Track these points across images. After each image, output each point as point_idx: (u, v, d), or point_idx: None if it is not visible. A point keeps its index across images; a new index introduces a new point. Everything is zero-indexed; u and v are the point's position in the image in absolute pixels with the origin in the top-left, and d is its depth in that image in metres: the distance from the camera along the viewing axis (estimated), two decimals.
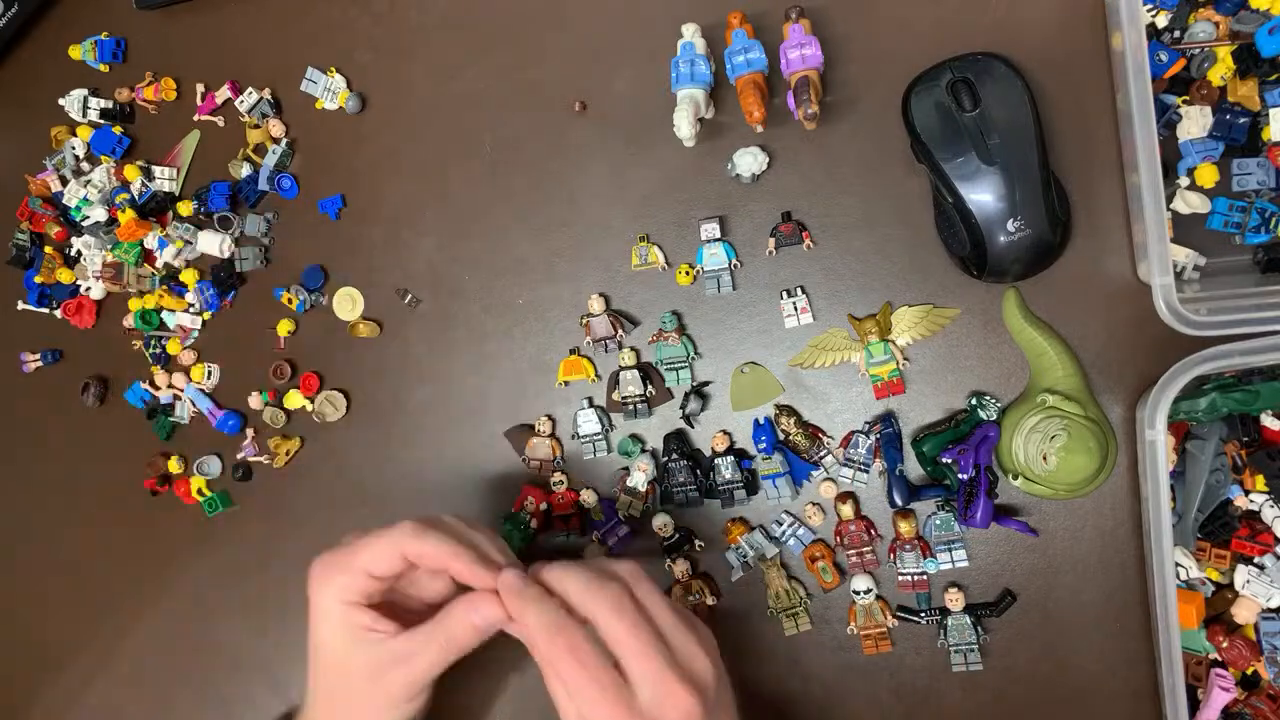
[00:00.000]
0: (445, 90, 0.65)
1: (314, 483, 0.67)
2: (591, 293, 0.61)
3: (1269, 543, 0.52)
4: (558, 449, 0.63)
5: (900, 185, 0.58)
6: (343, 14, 0.67)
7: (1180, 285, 0.53)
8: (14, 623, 0.75)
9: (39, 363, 0.73)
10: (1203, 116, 0.53)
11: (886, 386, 0.57)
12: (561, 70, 0.63)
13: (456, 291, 0.65)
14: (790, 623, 0.59)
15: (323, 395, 0.66)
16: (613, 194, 0.62)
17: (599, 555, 0.62)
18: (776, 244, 0.59)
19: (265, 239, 0.68)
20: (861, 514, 0.58)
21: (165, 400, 0.70)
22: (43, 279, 0.72)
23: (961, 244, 0.54)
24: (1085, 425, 0.52)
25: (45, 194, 0.72)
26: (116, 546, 0.72)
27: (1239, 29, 0.53)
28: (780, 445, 0.59)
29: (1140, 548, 0.55)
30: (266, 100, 0.68)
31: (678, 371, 0.60)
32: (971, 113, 0.52)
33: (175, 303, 0.69)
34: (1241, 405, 0.51)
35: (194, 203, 0.69)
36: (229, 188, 0.68)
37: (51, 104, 0.72)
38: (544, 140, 0.63)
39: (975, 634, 0.56)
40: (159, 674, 0.71)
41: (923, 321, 0.57)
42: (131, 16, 0.71)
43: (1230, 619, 0.53)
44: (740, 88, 0.55)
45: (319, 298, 0.67)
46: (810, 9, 0.56)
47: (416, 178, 0.65)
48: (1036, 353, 0.55)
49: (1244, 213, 0.53)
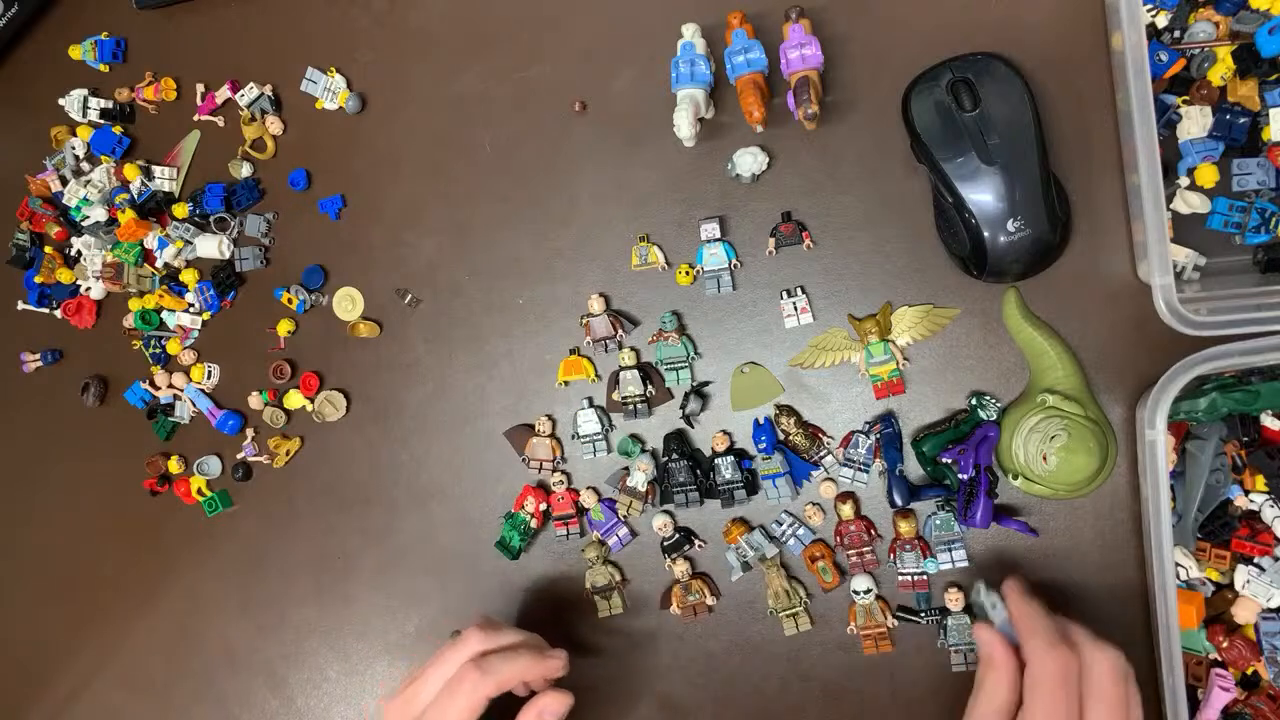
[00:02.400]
0: (445, 90, 0.65)
1: (314, 483, 0.67)
2: (591, 293, 0.61)
3: (1269, 543, 0.52)
4: (558, 449, 0.63)
5: (900, 185, 0.58)
6: (343, 14, 0.67)
7: (1180, 285, 0.53)
8: (14, 623, 0.75)
9: (39, 363, 0.73)
10: (1203, 116, 0.53)
11: (886, 386, 0.57)
12: (561, 70, 0.63)
13: (456, 291, 0.65)
14: (790, 623, 0.59)
15: (323, 395, 0.66)
16: (613, 194, 0.62)
17: (599, 555, 0.62)
18: (776, 244, 0.59)
19: (266, 239, 0.68)
20: (861, 514, 0.58)
21: (165, 400, 0.70)
22: (43, 279, 0.72)
23: (961, 244, 0.54)
24: (1085, 425, 0.52)
25: (45, 194, 0.72)
26: (116, 546, 0.72)
27: (1239, 29, 0.53)
28: (780, 445, 0.59)
29: (1140, 548, 0.55)
30: (266, 96, 0.68)
31: (678, 371, 0.60)
32: (971, 113, 0.52)
33: (175, 303, 0.69)
34: (1241, 405, 0.51)
35: (189, 205, 0.69)
36: (224, 189, 0.68)
37: (51, 104, 0.72)
38: (544, 140, 0.63)
39: None
40: (159, 674, 0.71)
41: (923, 321, 0.57)
42: (131, 16, 0.71)
43: (1230, 619, 0.53)
44: (740, 88, 0.55)
45: (319, 298, 0.67)
46: (810, 9, 0.56)
47: (416, 178, 0.65)
48: (1036, 353, 0.55)
49: (1244, 213, 0.53)
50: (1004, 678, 0.47)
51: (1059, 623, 0.48)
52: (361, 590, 0.67)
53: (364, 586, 0.67)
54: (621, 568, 0.62)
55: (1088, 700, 0.45)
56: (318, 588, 0.67)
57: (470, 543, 0.65)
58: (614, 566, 0.62)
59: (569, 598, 0.63)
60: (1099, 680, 0.45)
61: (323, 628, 0.68)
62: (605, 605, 0.62)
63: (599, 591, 0.62)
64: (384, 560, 0.66)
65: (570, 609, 0.63)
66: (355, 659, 0.67)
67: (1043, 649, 0.46)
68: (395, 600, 0.66)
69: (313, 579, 0.68)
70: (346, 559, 0.67)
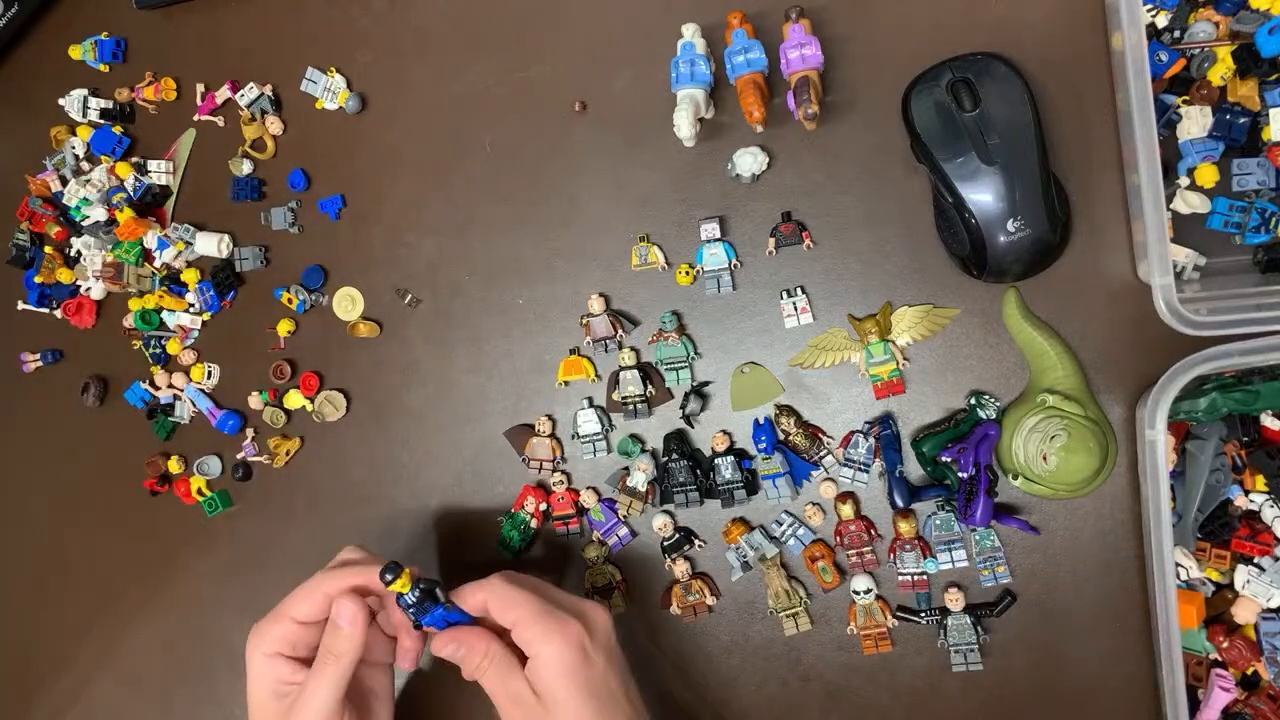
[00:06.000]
0: (445, 90, 0.65)
1: (314, 483, 0.67)
2: (591, 293, 0.61)
3: (1269, 543, 0.52)
4: (558, 449, 0.63)
5: (900, 185, 0.58)
6: (343, 14, 0.67)
7: (1180, 285, 0.53)
8: (14, 623, 0.75)
9: (39, 363, 0.73)
10: (1203, 116, 0.53)
11: (886, 386, 0.57)
12: (561, 70, 0.63)
13: (456, 291, 0.65)
14: (790, 623, 0.59)
15: (323, 395, 0.66)
16: (613, 194, 0.62)
17: (599, 555, 0.62)
18: (776, 244, 0.59)
19: (294, 229, 0.68)
20: (861, 514, 0.58)
21: (165, 400, 0.70)
22: (43, 279, 0.72)
23: (961, 244, 0.54)
24: (1085, 425, 0.52)
25: (45, 194, 0.72)
26: (116, 546, 0.72)
27: (1239, 29, 0.53)
28: (780, 445, 0.59)
29: (1140, 548, 0.55)
30: (266, 96, 0.68)
31: (678, 371, 0.60)
32: (971, 113, 0.52)
33: (175, 303, 0.69)
34: (1241, 405, 0.51)
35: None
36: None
37: (51, 104, 0.72)
38: (544, 140, 0.63)
39: (975, 634, 0.56)
40: (159, 674, 0.71)
41: (923, 321, 0.57)
42: (131, 16, 0.71)
43: (1230, 619, 0.53)
44: (740, 88, 0.55)
45: (319, 298, 0.67)
46: (810, 9, 0.56)
47: (416, 178, 0.66)
48: (1036, 353, 0.55)
49: (1244, 213, 0.53)
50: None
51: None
52: None
53: None
54: (621, 568, 0.62)
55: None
56: None
57: (470, 543, 0.65)
58: (614, 566, 0.62)
59: None
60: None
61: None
62: (605, 605, 0.62)
63: (599, 591, 0.62)
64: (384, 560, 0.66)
65: None
66: None
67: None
68: None
69: None
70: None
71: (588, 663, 0.49)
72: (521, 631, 0.50)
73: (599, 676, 0.49)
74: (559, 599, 0.52)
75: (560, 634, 0.49)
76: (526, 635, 0.49)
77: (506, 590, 0.51)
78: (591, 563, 0.62)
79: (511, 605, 0.50)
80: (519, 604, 0.50)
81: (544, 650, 0.49)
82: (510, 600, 0.50)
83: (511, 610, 0.50)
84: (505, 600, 0.50)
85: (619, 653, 0.53)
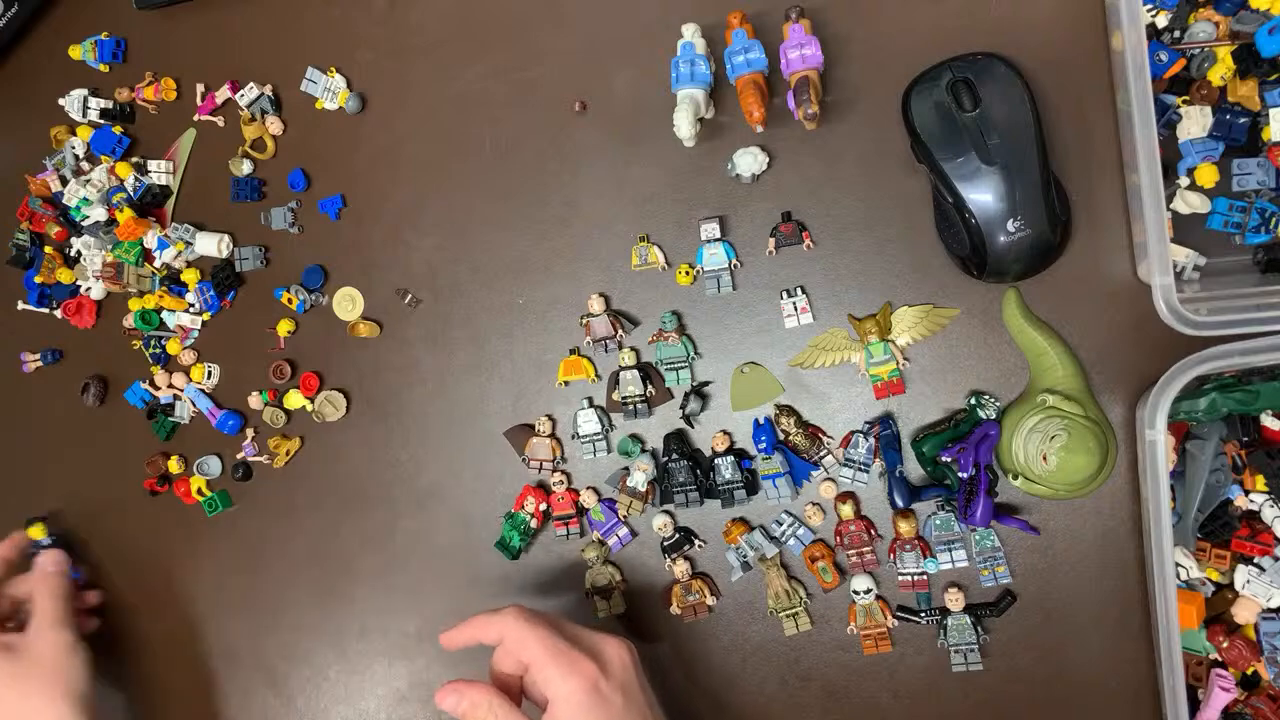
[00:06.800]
0: (445, 90, 0.65)
1: (314, 483, 0.67)
2: (591, 293, 0.61)
3: (1269, 543, 0.52)
4: (558, 449, 0.63)
5: (900, 185, 0.58)
6: (343, 14, 0.67)
7: (1180, 285, 0.53)
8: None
9: (39, 363, 0.73)
10: (1203, 116, 0.53)
11: (886, 386, 0.57)
12: (561, 70, 0.63)
13: (456, 291, 0.65)
14: (790, 623, 0.59)
15: (323, 395, 0.66)
16: (613, 194, 0.62)
17: (599, 555, 0.62)
18: (776, 244, 0.59)
19: (294, 229, 0.68)
20: (861, 514, 0.58)
21: (165, 400, 0.70)
22: (43, 279, 0.72)
23: (961, 244, 0.54)
24: (1085, 425, 0.52)
25: (45, 194, 0.72)
26: (116, 546, 0.72)
27: (1239, 29, 0.53)
28: (780, 445, 0.59)
29: (1140, 548, 0.55)
30: (266, 96, 0.68)
31: (678, 371, 0.60)
32: (971, 113, 0.52)
33: (175, 303, 0.69)
34: (1241, 405, 0.51)
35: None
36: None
37: (51, 104, 0.72)
38: (544, 140, 0.63)
39: (975, 634, 0.56)
40: (159, 674, 0.71)
41: (923, 321, 0.57)
42: (131, 16, 0.71)
43: (1230, 619, 0.53)
44: (740, 88, 0.55)
45: (319, 298, 0.67)
46: (810, 9, 0.56)
47: (416, 178, 0.65)
48: (1036, 353, 0.55)
49: (1244, 213, 0.53)
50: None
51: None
52: (361, 590, 0.67)
53: (364, 586, 0.67)
54: (621, 568, 0.62)
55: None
56: (318, 588, 0.67)
57: (470, 543, 0.65)
58: (614, 566, 0.62)
59: (569, 598, 0.63)
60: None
61: (323, 628, 0.68)
62: (605, 605, 0.62)
63: (599, 591, 0.62)
64: (384, 560, 0.66)
65: (570, 609, 0.63)
66: (355, 659, 0.67)
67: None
68: (395, 600, 0.66)
69: (313, 579, 0.68)
70: (346, 559, 0.67)
71: (603, 703, 0.48)
72: (536, 672, 0.50)
73: (615, 716, 0.49)
74: (576, 635, 0.52)
75: (575, 674, 0.48)
76: (540, 676, 0.49)
77: (521, 628, 0.50)
78: (591, 563, 0.62)
79: (526, 644, 0.50)
80: (533, 643, 0.49)
81: (559, 691, 0.48)
82: (525, 639, 0.50)
83: (526, 650, 0.50)
84: (520, 639, 0.50)
85: (642, 688, 0.52)
